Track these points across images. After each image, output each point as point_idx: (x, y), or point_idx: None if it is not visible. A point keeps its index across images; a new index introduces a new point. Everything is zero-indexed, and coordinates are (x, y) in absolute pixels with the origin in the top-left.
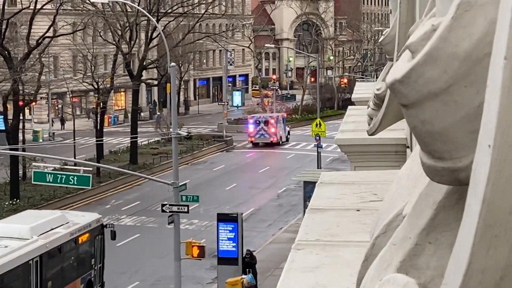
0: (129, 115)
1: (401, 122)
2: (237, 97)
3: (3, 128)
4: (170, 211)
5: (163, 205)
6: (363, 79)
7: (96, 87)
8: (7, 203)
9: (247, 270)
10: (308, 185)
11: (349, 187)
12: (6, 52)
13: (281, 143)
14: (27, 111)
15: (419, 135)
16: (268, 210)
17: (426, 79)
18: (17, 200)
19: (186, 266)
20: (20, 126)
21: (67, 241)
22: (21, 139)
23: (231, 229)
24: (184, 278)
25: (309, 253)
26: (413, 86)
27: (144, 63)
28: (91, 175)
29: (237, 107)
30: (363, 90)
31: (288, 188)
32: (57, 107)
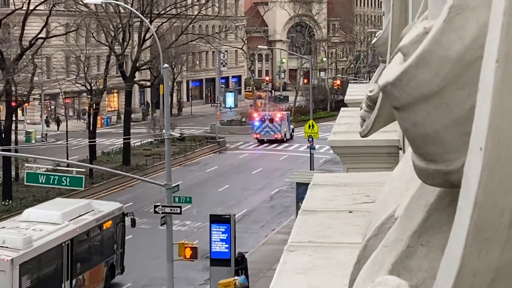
0: (122, 116)
1: (394, 124)
2: (230, 99)
3: None
4: (162, 212)
5: (156, 206)
6: (356, 80)
7: (89, 88)
8: None
9: (239, 271)
10: (300, 186)
11: (342, 189)
12: None
13: (285, 140)
14: (19, 112)
15: (411, 138)
16: (261, 211)
17: (418, 82)
18: (10, 201)
19: (178, 267)
20: (12, 127)
21: (93, 227)
22: (13, 140)
23: (223, 230)
24: (176, 279)
25: (301, 255)
26: (405, 88)
27: (137, 64)
28: (83, 176)
29: (230, 108)
30: (356, 91)
31: (281, 189)
32: (50, 108)
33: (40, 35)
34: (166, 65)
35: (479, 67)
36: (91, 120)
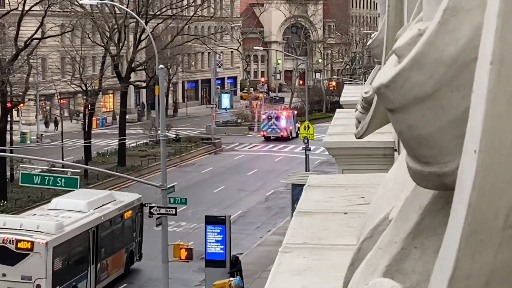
0: (117, 117)
1: (389, 125)
2: (226, 100)
3: None
4: (158, 213)
5: (151, 207)
6: (352, 82)
7: (84, 89)
8: None
9: (234, 272)
10: (296, 187)
11: (337, 190)
12: None
13: (291, 138)
14: (14, 113)
15: (405, 140)
16: (256, 212)
17: (412, 84)
18: (4, 201)
19: (174, 268)
20: (7, 127)
21: (115, 216)
22: (8, 140)
23: (219, 231)
24: (171, 280)
25: (296, 256)
26: (399, 91)
27: (132, 65)
28: (78, 177)
29: (226, 109)
30: (352, 93)
31: (276, 190)
32: (45, 109)
33: (35, 36)
34: (161, 66)
35: (474, 69)
36: (86, 120)
